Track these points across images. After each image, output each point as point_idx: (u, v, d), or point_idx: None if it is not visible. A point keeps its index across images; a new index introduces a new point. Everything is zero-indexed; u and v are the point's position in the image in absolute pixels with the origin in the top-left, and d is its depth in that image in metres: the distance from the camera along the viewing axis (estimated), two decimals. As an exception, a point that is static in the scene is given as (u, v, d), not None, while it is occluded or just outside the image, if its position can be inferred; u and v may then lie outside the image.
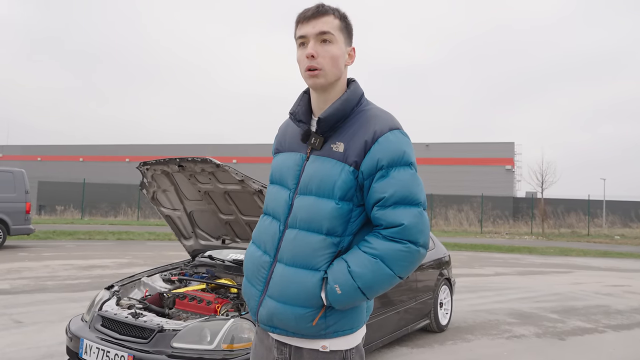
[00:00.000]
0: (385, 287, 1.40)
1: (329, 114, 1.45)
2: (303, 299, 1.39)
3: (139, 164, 3.49)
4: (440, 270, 5.17)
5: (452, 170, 34.91)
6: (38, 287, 6.70)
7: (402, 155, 1.41)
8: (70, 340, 3.08)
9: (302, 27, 1.46)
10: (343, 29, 1.48)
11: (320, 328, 1.40)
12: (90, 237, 14.84)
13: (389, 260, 1.35)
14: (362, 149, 1.40)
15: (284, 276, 1.42)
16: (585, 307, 6.68)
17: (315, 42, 1.44)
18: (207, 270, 3.85)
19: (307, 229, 1.42)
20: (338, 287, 1.36)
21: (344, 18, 1.49)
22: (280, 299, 1.41)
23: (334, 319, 1.40)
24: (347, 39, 1.50)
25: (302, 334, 1.41)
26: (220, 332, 2.70)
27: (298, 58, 1.48)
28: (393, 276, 1.37)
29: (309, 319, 1.39)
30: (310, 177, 1.44)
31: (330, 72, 1.44)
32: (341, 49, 1.47)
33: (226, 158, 40.36)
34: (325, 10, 1.45)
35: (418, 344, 4.62)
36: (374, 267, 1.35)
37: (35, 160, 45.94)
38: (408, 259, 1.37)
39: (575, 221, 27.56)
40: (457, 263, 11.72)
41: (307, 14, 1.45)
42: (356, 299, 1.38)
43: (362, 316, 1.48)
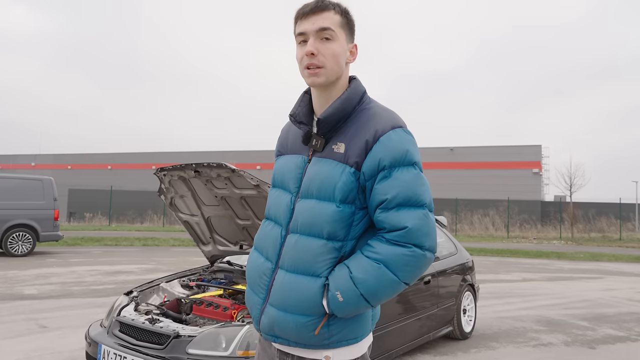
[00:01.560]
0: (390, 294, 1.33)
1: (328, 114, 1.40)
2: (304, 307, 1.33)
3: (156, 170, 3.51)
4: (464, 275, 5.05)
5: (477, 174, 34.36)
6: (64, 293, 6.82)
7: (405, 155, 1.34)
8: (89, 345, 3.10)
9: (301, 23, 1.40)
10: (344, 25, 1.42)
11: (323, 337, 1.34)
12: (116, 244, 15.11)
13: (393, 265, 1.29)
14: (363, 148, 1.35)
15: (285, 283, 1.37)
16: (617, 315, 6.43)
17: (315, 39, 1.37)
18: (225, 275, 3.84)
19: (307, 233, 1.37)
20: (340, 294, 1.30)
21: (346, 13, 1.43)
22: (281, 307, 1.36)
23: (337, 328, 1.34)
24: (349, 36, 1.44)
25: (304, 343, 1.35)
26: (236, 339, 2.67)
27: (297, 56, 1.42)
28: (398, 282, 1.30)
29: (310, 327, 1.33)
30: (311, 180, 1.39)
31: (331, 70, 1.39)
32: (342, 46, 1.41)
33: (250, 164, 40.66)
34: (325, 6, 1.39)
35: (441, 352, 4.51)
36: (377, 273, 1.29)
37: (65, 169, 47.20)
38: (413, 263, 1.29)
39: (606, 225, 26.76)
40: (483, 268, 11.49)
41: (306, 9, 1.39)
42: (359, 306, 1.32)
43: (367, 325, 1.41)
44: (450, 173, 33.90)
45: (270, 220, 1.51)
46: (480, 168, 34.72)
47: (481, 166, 34.81)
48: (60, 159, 49.13)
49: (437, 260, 4.64)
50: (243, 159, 40.04)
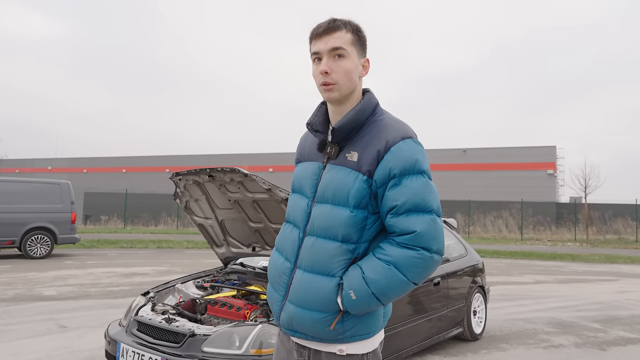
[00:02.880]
0: (399, 293, 1.43)
1: (342, 123, 1.49)
2: (320, 304, 1.44)
3: (171, 174, 3.62)
4: (474, 277, 5.09)
5: (490, 175, 34.15)
6: (82, 294, 6.99)
7: (414, 164, 1.43)
8: (108, 344, 3.22)
9: (315, 43, 1.50)
10: (356, 42, 1.50)
11: (338, 332, 1.44)
12: (132, 246, 15.35)
13: (402, 266, 1.38)
14: (375, 158, 1.44)
15: (302, 282, 1.48)
16: (630, 317, 6.41)
17: (329, 58, 1.47)
18: (239, 277, 3.94)
19: (323, 236, 1.47)
20: (353, 292, 1.40)
21: (357, 31, 1.51)
22: (298, 304, 1.47)
23: (351, 324, 1.44)
24: (361, 51, 1.53)
25: (320, 337, 1.46)
26: (249, 338, 2.77)
27: (313, 73, 1.52)
28: (407, 282, 1.40)
29: (326, 323, 1.43)
30: (326, 186, 1.49)
31: (344, 85, 1.48)
32: (354, 62, 1.49)
33: (262, 167, 40.90)
34: (336, 26, 1.48)
35: (451, 353, 4.56)
36: (387, 274, 1.38)
37: (81, 172, 47.94)
38: (421, 265, 1.39)
39: (623, 227, 26.39)
40: (495, 271, 11.46)
41: (319, 30, 1.49)
42: (370, 304, 1.41)
43: (379, 321, 1.52)
44: (463, 175, 33.75)
45: (290, 223, 1.61)
46: (494, 169, 34.50)
47: (494, 167, 34.59)
48: (76, 162, 49.90)
49: (447, 262, 4.70)
50: (256, 162, 40.27)
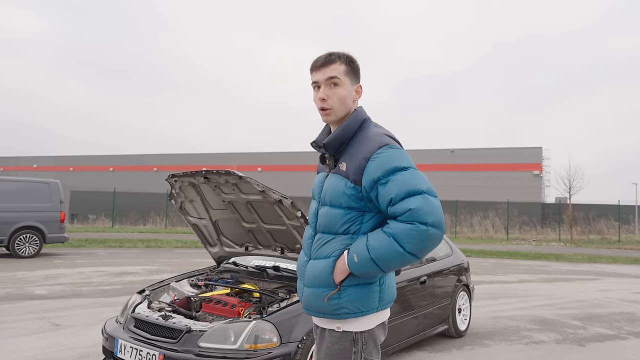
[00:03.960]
0: (396, 262, 1.61)
1: (330, 139, 1.77)
2: (319, 281, 1.73)
3: (168, 176, 3.72)
4: (459, 276, 5.26)
5: (477, 176, 34.56)
6: (73, 293, 7.04)
7: (394, 165, 1.65)
8: (106, 340, 3.32)
9: (314, 74, 1.78)
10: (349, 72, 1.77)
11: (335, 307, 1.70)
12: (120, 245, 15.33)
13: (400, 238, 1.58)
14: (359, 167, 1.69)
15: (310, 268, 1.79)
16: (609, 314, 6.64)
17: (325, 87, 1.75)
18: (232, 275, 4.06)
19: (327, 232, 1.77)
20: (356, 256, 1.64)
21: (350, 62, 1.78)
22: (308, 285, 1.78)
23: (346, 302, 1.69)
24: (354, 79, 1.80)
25: (322, 312, 1.73)
26: (244, 333, 2.89)
27: (314, 99, 1.80)
28: (403, 253, 1.59)
29: (323, 297, 1.71)
30: (326, 191, 1.79)
31: (339, 109, 1.77)
32: (347, 90, 1.77)
33: (251, 167, 40.90)
34: (332, 60, 1.75)
35: (436, 349, 4.72)
36: (386, 244, 1.60)
37: (67, 171, 47.47)
38: (417, 237, 1.57)
39: (606, 227, 26.91)
40: (481, 270, 11.68)
41: (317, 63, 1.77)
42: (370, 268, 1.63)
43: (372, 302, 1.72)
44: (450, 175, 34.11)
45: (309, 226, 1.92)
46: (481, 170, 34.92)
47: (481, 168, 35.00)
48: (62, 160, 49.39)
49: (433, 261, 4.86)
50: (245, 161, 40.26)
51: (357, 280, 1.70)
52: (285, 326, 3.00)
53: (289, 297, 3.42)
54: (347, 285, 1.70)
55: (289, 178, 39.03)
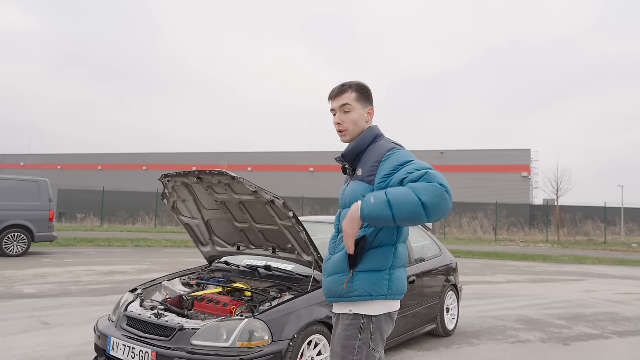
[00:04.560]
0: (410, 210, 1.73)
1: (347, 151, 2.11)
2: (335, 268, 2.02)
3: (161, 176, 3.75)
4: (447, 276, 5.34)
5: (467, 177, 34.83)
6: (63, 292, 7.02)
7: (403, 160, 1.93)
8: (98, 338, 3.34)
9: (331, 102, 2.14)
10: (359, 99, 2.10)
11: (348, 291, 1.95)
12: (109, 244, 15.26)
13: (419, 190, 1.74)
14: (374, 169, 1.98)
15: (330, 260, 2.08)
16: (594, 314, 6.77)
17: (340, 113, 2.10)
18: (223, 275, 4.09)
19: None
20: (373, 197, 1.81)
21: (360, 89, 2.10)
22: (327, 274, 2.07)
23: (357, 285, 1.94)
24: (365, 103, 2.12)
25: (338, 296, 1.99)
26: (236, 331, 2.93)
27: (333, 122, 2.14)
28: (418, 203, 1.71)
29: (340, 282, 1.98)
30: (347, 196, 2.08)
31: (353, 130, 2.11)
32: (359, 114, 2.10)
33: (241, 166, 40.81)
34: (344, 90, 2.09)
35: (424, 348, 4.80)
36: (405, 191, 1.76)
37: (55, 169, 47.00)
38: (435, 192, 1.73)
39: (592, 229, 27.27)
40: (469, 271, 11.81)
41: (332, 94, 2.12)
42: (384, 211, 1.76)
43: (382, 289, 1.95)
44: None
45: (335, 229, 2.18)
46: (470, 171, 35.20)
47: (471, 170, 35.29)
48: (50, 159, 48.90)
49: (422, 261, 4.93)
50: (235, 161, 40.18)
51: (369, 267, 1.94)
52: (276, 325, 3.05)
53: (280, 296, 3.47)
54: (360, 271, 1.95)
55: (279, 178, 39.03)
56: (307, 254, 3.54)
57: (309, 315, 3.24)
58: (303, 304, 3.28)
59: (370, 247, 1.97)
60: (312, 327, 3.24)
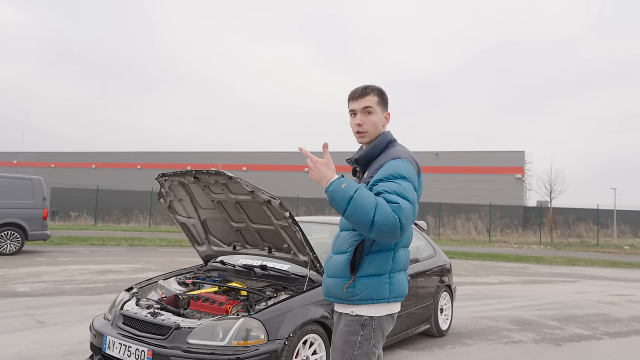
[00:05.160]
0: (359, 216, 1.79)
1: (360, 155, 2.17)
2: (337, 272, 2.06)
3: (157, 175, 3.76)
4: (441, 277, 5.38)
5: (461, 179, 34.98)
6: (57, 290, 7.01)
7: (398, 172, 1.96)
8: (94, 336, 3.35)
9: (352, 103, 2.16)
10: (380, 102, 2.15)
11: (350, 295, 2.01)
12: (103, 243, 15.21)
13: (380, 210, 1.78)
14: (375, 172, 2.03)
15: (332, 260, 2.13)
16: (586, 315, 6.83)
17: (361, 114, 2.13)
18: (219, 274, 4.11)
19: (344, 229, 2.14)
20: (345, 184, 1.86)
21: (381, 94, 2.16)
22: (328, 275, 2.13)
23: (359, 290, 2.00)
24: (384, 108, 2.18)
25: (340, 298, 2.05)
26: (232, 330, 2.95)
27: (351, 123, 2.18)
28: (369, 218, 1.78)
29: (341, 286, 2.03)
30: None
31: (372, 133, 2.15)
32: (379, 117, 2.15)
33: (236, 165, 40.77)
34: (367, 92, 2.13)
35: (418, 347, 4.83)
36: (369, 202, 1.80)
37: (49, 167, 46.76)
38: (389, 221, 1.77)
39: (585, 231, 27.45)
40: (463, 272, 11.87)
41: (355, 94, 2.14)
42: (342, 200, 1.83)
43: (384, 292, 2.01)
44: (434, 177, 34.43)
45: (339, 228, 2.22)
46: (465, 173, 35.35)
47: (465, 171, 35.43)
48: (43, 157, 48.64)
49: (416, 262, 4.97)
50: (230, 160, 40.13)
51: (369, 271, 1.99)
52: (272, 324, 3.07)
53: (275, 295, 3.49)
54: (360, 276, 2.00)
55: (274, 178, 39.01)
56: (303, 253, 3.57)
57: (305, 314, 3.27)
58: (298, 303, 3.30)
59: (368, 252, 2.01)
60: (308, 327, 3.27)
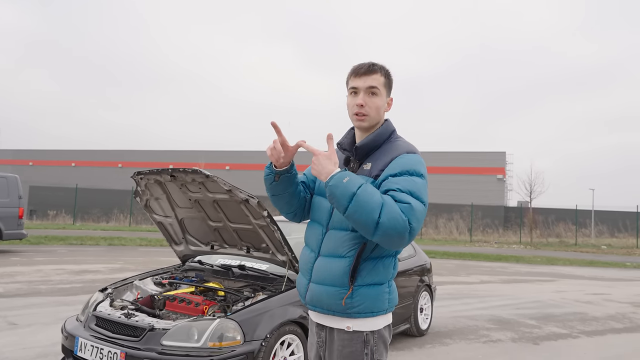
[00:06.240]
0: (363, 216, 1.57)
1: (364, 143, 1.84)
2: (333, 280, 1.73)
3: (133, 173, 3.68)
4: (422, 277, 5.39)
5: (443, 179, 35.25)
6: (31, 291, 6.84)
7: (413, 169, 1.72)
8: (65, 338, 3.26)
9: (354, 79, 1.82)
10: (386, 84, 1.85)
11: (347, 307, 1.72)
12: (81, 243, 14.94)
13: (386, 210, 1.56)
14: (384, 165, 1.76)
15: (321, 265, 1.79)
16: (563, 314, 6.92)
17: (365, 94, 1.81)
18: (197, 274, 4.04)
19: (339, 228, 1.78)
20: (348, 179, 1.62)
21: (388, 75, 1.86)
22: (318, 282, 1.78)
23: (358, 302, 1.71)
24: (388, 91, 1.88)
25: (333, 310, 1.75)
26: (207, 331, 2.90)
27: (348, 103, 1.86)
28: (374, 219, 1.55)
29: (338, 296, 1.72)
30: None
31: (374, 118, 1.83)
32: (383, 100, 1.84)
33: (219, 165, 40.48)
34: (374, 70, 1.82)
35: (397, 347, 4.83)
36: (374, 201, 1.57)
37: (27, 165, 45.82)
38: (397, 224, 1.56)
39: (564, 230, 27.92)
40: (444, 271, 11.95)
41: (360, 70, 1.81)
42: (343, 197, 1.59)
43: (383, 303, 1.76)
44: (417, 178, 34.64)
45: (315, 221, 1.91)
46: (447, 173, 35.64)
47: (447, 171, 35.73)
48: (21, 154, 47.66)
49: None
50: (213, 159, 39.81)
51: (370, 280, 1.73)
52: (249, 324, 3.03)
53: (253, 295, 3.45)
54: (360, 285, 1.72)
55: (257, 177, 38.82)
56: (282, 253, 3.52)
57: (283, 315, 3.23)
58: (276, 303, 3.26)
59: (368, 257, 1.74)
60: (285, 327, 3.23)
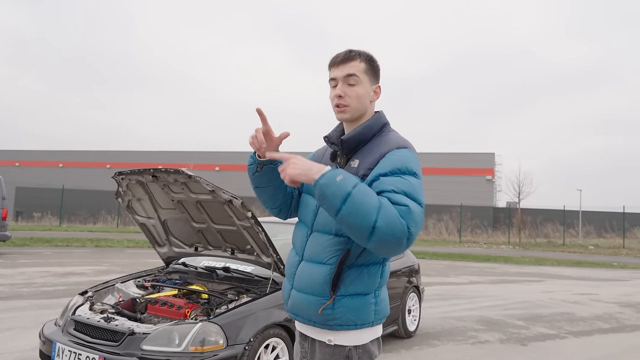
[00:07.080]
0: (359, 217, 1.39)
1: (350, 136, 1.68)
2: (313, 288, 1.60)
3: (114, 173, 3.60)
4: (409, 278, 5.35)
5: (433, 180, 35.33)
6: (13, 294, 6.70)
7: (406, 167, 1.55)
8: (43, 344, 3.17)
9: (333, 70, 1.70)
10: (368, 71, 1.70)
11: (327, 318, 1.57)
12: (68, 244, 14.72)
13: (384, 212, 1.39)
14: (374, 163, 1.59)
15: (303, 270, 1.66)
16: (551, 315, 6.93)
17: (343, 84, 1.67)
18: (180, 276, 3.97)
19: (322, 230, 1.64)
20: (342, 177, 1.43)
21: (370, 61, 1.71)
22: (299, 289, 1.65)
23: (340, 313, 1.56)
24: (373, 78, 1.72)
25: (313, 321, 1.61)
26: (189, 335, 2.83)
27: (330, 96, 1.72)
28: (370, 221, 1.38)
29: (318, 306, 1.58)
30: None
31: (355, 108, 1.68)
32: (365, 89, 1.69)
33: (209, 166, 40.24)
34: (351, 56, 1.68)
35: (385, 349, 4.78)
36: (372, 202, 1.40)
37: (13, 166, 45.20)
38: (395, 228, 1.39)
39: (552, 231, 28.13)
40: (433, 272, 11.95)
41: (337, 60, 1.70)
42: (337, 197, 1.41)
43: (369, 315, 1.59)
44: (407, 178, 34.72)
45: (301, 222, 1.78)
46: (436, 174, 35.74)
47: (437, 172, 35.84)
48: (7, 155, 47.00)
49: (384, 263, 4.92)
50: (202, 160, 39.58)
51: (353, 290, 1.58)
52: (232, 328, 2.96)
53: (237, 298, 3.38)
54: (342, 295, 1.57)
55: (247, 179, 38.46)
56: (266, 255, 3.46)
57: (267, 318, 3.17)
58: (261, 306, 3.20)
59: (353, 264, 1.58)
60: (270, 330, 3.17)
